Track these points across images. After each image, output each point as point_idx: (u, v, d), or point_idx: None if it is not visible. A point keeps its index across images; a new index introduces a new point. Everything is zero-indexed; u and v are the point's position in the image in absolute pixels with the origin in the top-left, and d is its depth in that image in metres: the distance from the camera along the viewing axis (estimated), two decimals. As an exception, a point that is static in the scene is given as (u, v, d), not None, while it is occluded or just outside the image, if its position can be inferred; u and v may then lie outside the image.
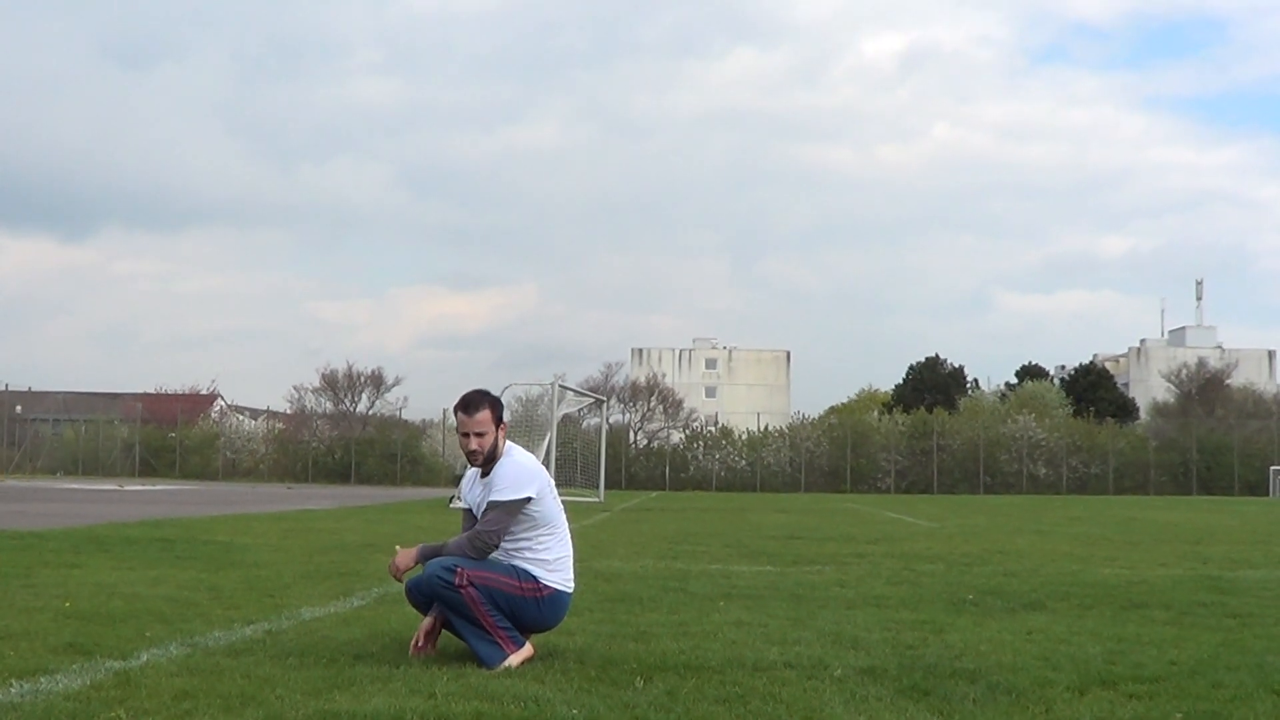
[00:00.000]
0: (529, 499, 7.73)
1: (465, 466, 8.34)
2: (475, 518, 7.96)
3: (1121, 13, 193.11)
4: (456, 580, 7.48)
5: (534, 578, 7.72)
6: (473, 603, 7.48)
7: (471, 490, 8.03)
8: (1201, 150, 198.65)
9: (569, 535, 8.04)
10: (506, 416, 8.00)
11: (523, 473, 7.81)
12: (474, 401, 7.88)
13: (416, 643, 7.71)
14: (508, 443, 8.01)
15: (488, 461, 7.86)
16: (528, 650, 7.56)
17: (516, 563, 7.75)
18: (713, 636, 8.76)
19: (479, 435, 7.79)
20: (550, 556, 7.85)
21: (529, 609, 7.67)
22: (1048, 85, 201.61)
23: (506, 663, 7.37)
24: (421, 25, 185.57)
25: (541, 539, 7.84)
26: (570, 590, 7.96)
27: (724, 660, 7.72)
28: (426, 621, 7.73)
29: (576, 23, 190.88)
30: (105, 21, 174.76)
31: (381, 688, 6.59)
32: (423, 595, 7.80)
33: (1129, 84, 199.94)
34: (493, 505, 7.70)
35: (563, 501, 8.18)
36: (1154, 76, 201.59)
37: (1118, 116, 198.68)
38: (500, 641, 7.48)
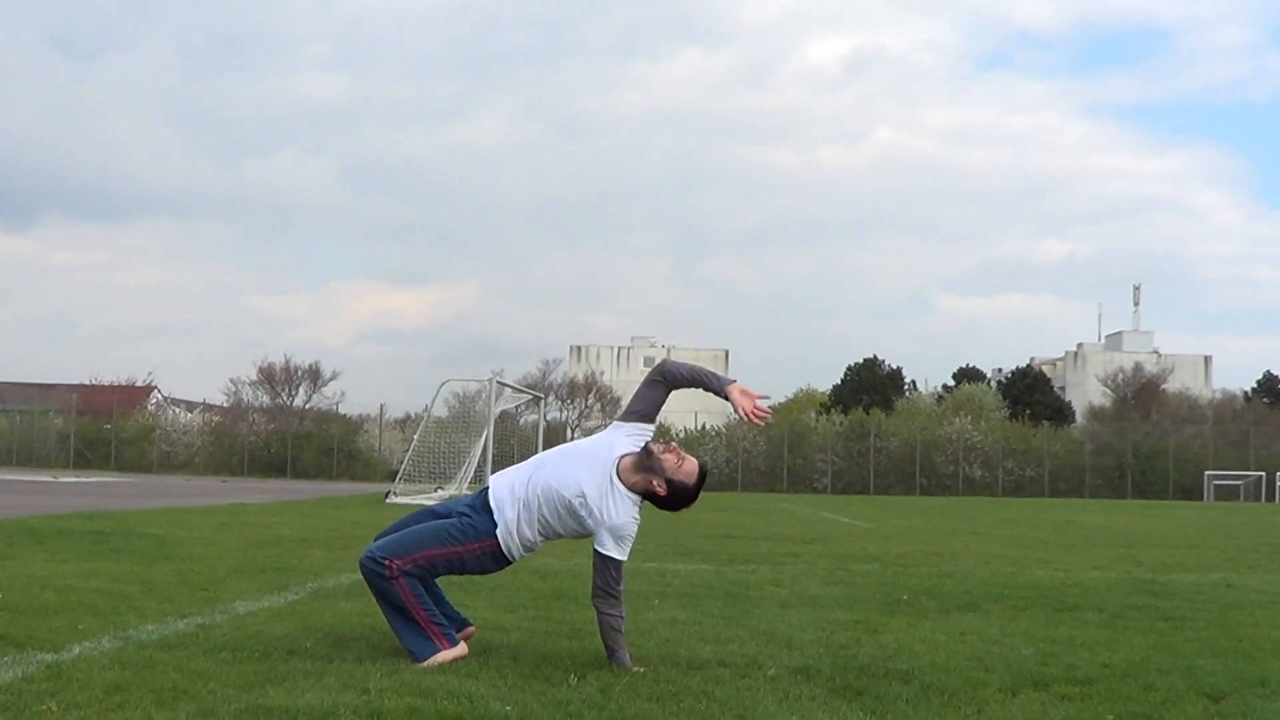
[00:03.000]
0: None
1: (401, 462, 8.34)
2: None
3: (1066, 21, 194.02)
4: (386, 572, 7.46)
5: (490, 535, 7.65)
6: (404, 595, 7.46)
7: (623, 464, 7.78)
8: (1142, 157, 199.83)
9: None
10: (444, 413, 8.02)
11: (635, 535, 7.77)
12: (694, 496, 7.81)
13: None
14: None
15: (641, 492, 7.69)
16: (461, 649, 7.53)
17: (506, 526, 7.68)
18: (647, 634, 8.77)
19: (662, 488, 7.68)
20: (536, 547, 7.83)
21: (471, 563, 7.67)
22: (991, 91, 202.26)
23: (437, 658, 7.35)
24: (368, 21, 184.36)
25: (548, 540, 7.85)
26: (513, 562, 7.89)
27: (658, 658, 7.74)
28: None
29: (523, 22, 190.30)
30: (52, 11, 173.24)
31: (315, 683, 6.57)
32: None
33: (1071, 91, 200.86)
34: (617, 563, 7.57)
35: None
36: (1096, 84, 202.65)
37: (1060, 123, 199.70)
38: (432, 636, 7.46)
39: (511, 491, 7.74)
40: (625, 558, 7.62)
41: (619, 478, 7.63)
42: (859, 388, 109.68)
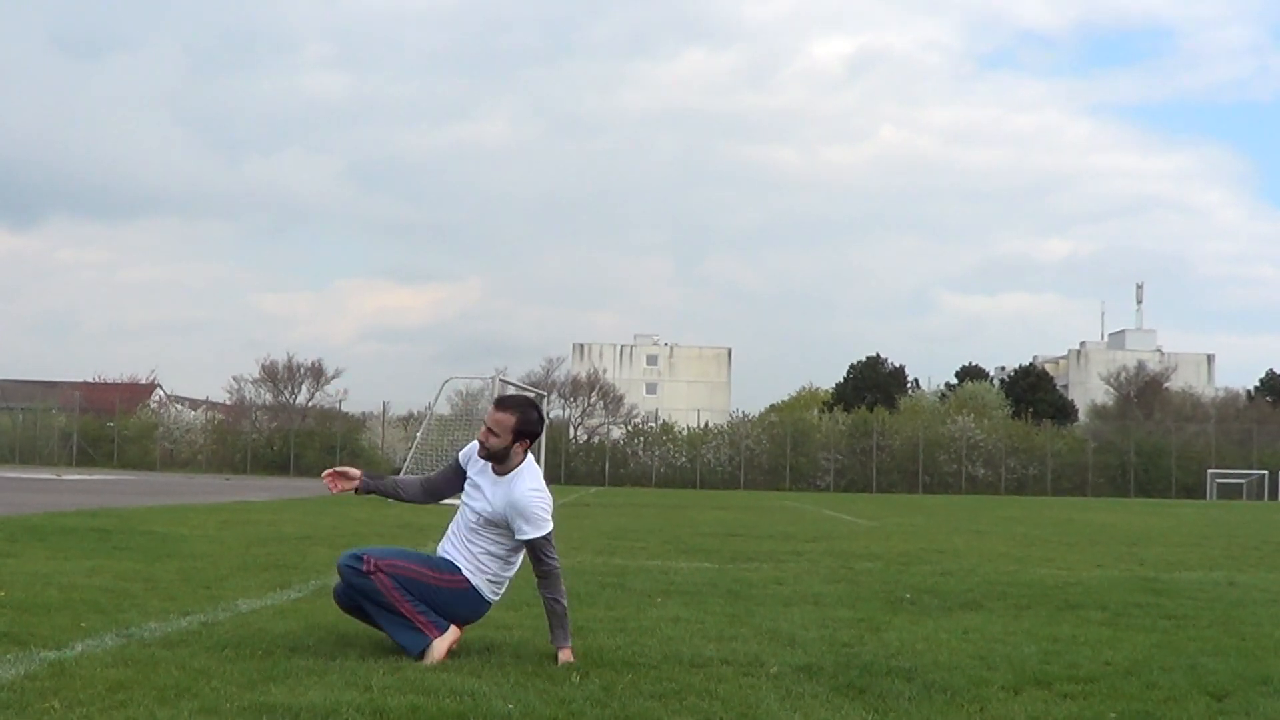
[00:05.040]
0: None
1: (404, 460, 8.34)
2: (461, 473, 8.10)
3: (1069, 20, 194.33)
4: (365, 566, 7.46)
5: (456, 570, 7.71)
6: (385, 589, 7.46)
7: (479, 471, 7.96)
8: (1144, 156, 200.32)
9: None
10: (447, 411, 8.01)
11: (549, 504, 7.85)
12: (506, 403, 7.97)
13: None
14: (529, 459, 8.00)
15: (495, 459, 7.82)
16: (453, 633, 7.54)
17: (465, 568, 7.72)
18: (650, 633, 8.77)
19: (493, 434, 7.76)
20: (503, 574, 7.89)
21: (443, 597, 7.63)
22: (994, 90, 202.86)
23: (432, 648, 7.36)
24: (372, 20, 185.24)
25: (508, 563, 7.88)
26: (493, 602, 7.95)
27: (661, 656, 7.73)
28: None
29: (527, 21, 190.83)
30: (56, 11, 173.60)
31: (317, 680, 6.57)
32: (350, 601, 7.80)
33: (1075, 90, 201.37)
34: (542, 542, 7.66)
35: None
36: (1099, 84, 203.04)
37: (1062, 122, 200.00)
38: (421, 627, 7.46)
39: (452, 543, 7.89)
40: (544, 531, 7.71)
41: (492, 472, 7.87)
42: (862, 386, 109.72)
